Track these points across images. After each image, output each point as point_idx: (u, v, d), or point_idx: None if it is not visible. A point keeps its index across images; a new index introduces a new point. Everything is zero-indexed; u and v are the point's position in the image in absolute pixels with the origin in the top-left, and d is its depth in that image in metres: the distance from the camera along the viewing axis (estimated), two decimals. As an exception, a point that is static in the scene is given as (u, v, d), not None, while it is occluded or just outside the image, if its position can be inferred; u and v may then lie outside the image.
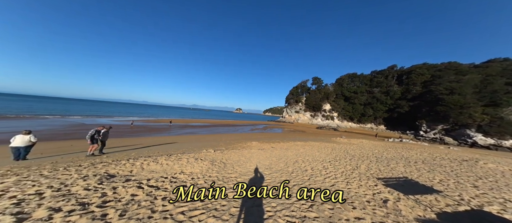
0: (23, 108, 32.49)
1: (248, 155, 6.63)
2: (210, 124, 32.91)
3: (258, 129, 31.87)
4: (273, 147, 10.11)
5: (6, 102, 45.87)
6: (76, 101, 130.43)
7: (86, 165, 4.45)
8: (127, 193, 2.71)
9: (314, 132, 33.55)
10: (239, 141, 13.01)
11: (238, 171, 4.32)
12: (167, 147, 9.20)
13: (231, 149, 8.34)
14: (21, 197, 2.37)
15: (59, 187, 2.81)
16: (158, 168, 4.30)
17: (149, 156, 5.87)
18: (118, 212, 2.13)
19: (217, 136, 17.59)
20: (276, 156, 6.74)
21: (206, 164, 4.72)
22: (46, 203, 2.25)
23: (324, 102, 68.64)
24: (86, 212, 2.08)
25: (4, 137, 9.51)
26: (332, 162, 5.86)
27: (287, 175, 4.13)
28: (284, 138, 18.18)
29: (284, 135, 23.85)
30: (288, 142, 13.93)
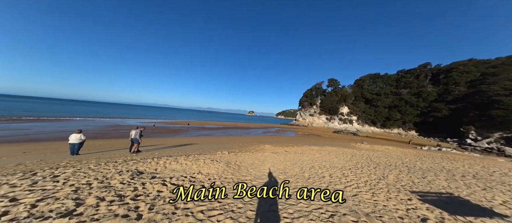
0: (66, 111, 38.03)
1: (261, 158, 6.63)
2: (223, 126, 34.06)
3: (271, 132, 31.54)
4: (286, 150, 9.88)
5: (46, 106, 52.94)
6: (107, 105, 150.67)
7: (120, 161, 5.11)
8: (154, 189, 3.02)
9: (330, 136, 31.51)
10: (252, 144, 13.10)
11: (253, 174, 4.36)
12: (185, 148, 9.87)
13: (245, 152, 8.46)
14: (77, 186, 2.87)
15: (102, 179, 3.30)
16: (178, 167, 4.65)
17: (170, 156, 6.40)
18: (148, 205, 2.38)
19: (231, 138, 18.06)
20: (291, 160, 6.56)
21: (222, 166, 4.90)
22: (94, 192, 2.67)
23: (341, 105, 64.08)
24: (123, 203, 2.40)
25: (59, 135, 11.68)
26: (353, 170, 5.40)
27: (303, 180, 3.99)
28: (298, 142, 17.55)
29: (298, 138, 23.05)
30: (302, 146, 13.40)
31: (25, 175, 3.30)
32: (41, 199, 2.35)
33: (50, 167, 4.23)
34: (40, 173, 3.52)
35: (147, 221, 2.02)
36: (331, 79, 73.41)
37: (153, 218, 2.07)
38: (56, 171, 3.73)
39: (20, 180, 3.02)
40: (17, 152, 7.72)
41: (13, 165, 5.00)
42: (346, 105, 63.62)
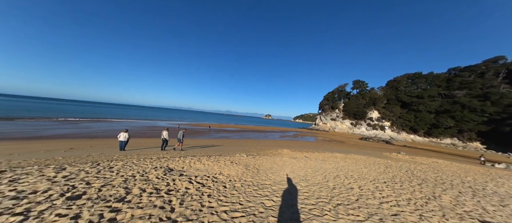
0: (111, 113, 44.77)
1: (280, 163, 6.46)
2: (241, 129, 34.96)
3: (289, 136, 30.53)
4: (306, 156, 9.34)
5: (84, 108, 59.96)
6: (141, 108, 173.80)
7: (154, 158, 5.87)
8: (182, 186, 3.33)
9: (356, 144, 28.14)
10: (270, 148, 12.95)
11: (272, 179, 4.29)
12: (207, 149, 10.57)
13: (263, 155, 8.43)
14: (126, 177, 3.45)
15: (142, 173, 3.87)
16: (201, 167, 5.01)
17: (194, 156, 6.96)
18: (179, 200, 2.65)
19: (248, 141, 18.35)
20: (312, 167, 6.16)
21: (241, 168, 5.02)
22: (138, 184, 3.16)
23: (369, 109, 56.78)
24: (159, 196, 2.74)
25: (111, 133, 14.35)
26: (389, 184, 4.64)
27: (327, 190, 3.66)
28: (319, 148, 16.36)
29: (318, 144, 21.50)
30: (324, 152, 12.43)
31: (93, 165, 4.19)
32: (104, 185, 2.93)
33: (107, 160, 5.25)
34: (101, 163, 4.40)
35: (179, 214, 2.24)
36: (357, 81, 66.34)
37: (184, 213, 2.28)
38: (111, 163, 4.59)
39: (90, 168, 3.85)
40: (86, 145, 9.87)
41: (85, 156, 6.41)
42: (376, 109, 55.88)
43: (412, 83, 54.83)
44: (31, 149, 8.00)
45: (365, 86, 64.14)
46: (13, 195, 2.35)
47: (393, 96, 55.23)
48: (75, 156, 6.48)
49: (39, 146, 9.03)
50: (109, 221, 1.97)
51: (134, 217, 2.09)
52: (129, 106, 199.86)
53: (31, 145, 9.20)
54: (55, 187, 2.72)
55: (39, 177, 3.13)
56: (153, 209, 2.30)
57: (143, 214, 2.16)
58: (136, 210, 2.24)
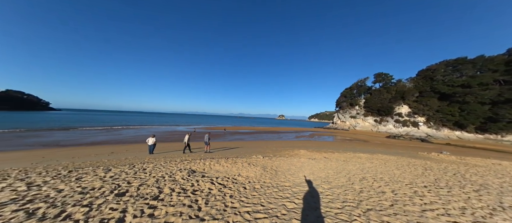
0: (135, 121, 48.75)
1: (298, 164, 6.28)
2: (255, 131, 35.17)
3: (304, 136, 29.37)
4: (326, 157, 8.84)
5: (111, 117, 64.16)
6: (159, 114, 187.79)
7: (178, 161, 6.39)
8: (205, 186, 3.54)
9: (383, 142, 25.25)
10: (286, 149, 12.69)
11: (291, 180, 4.20)
12: (224, 152, 10.97)
13: (279, 156, 8.32)
14: (157, 178, 3.87)
15: (170, 174, 4.26)
16: (220, 169, 5.23)
17: (212, 158, 7.32)
18: (204, 200, 2.84)
19: (263, 142, 18.33)
20: (333, 168, 5.80)
21: (259, 170, 5.06)
22: (167, 184, 3.50)
23: (397, 103, 50.42)
24: (186, 196, 2.98)
25: (140, 139, 16.17)
26: (431, 188, 4.02)
27: (353, 193, 3.40)
28: (339, 148, 15.28)
29: (338, 144, 20.07)
30: (345, 152, 11.56)
31: (130, 167, 4.82)
32: (141, 184, 3.35)
33: (140, 162, 5.95)
34: (136, 165, 5.03)
35: (205, 213, 2.40)
36: (379, 74, 59.91)
37: (210, 212, 2.43)
38: (144, 165, 5.20)
39: (129, 169, 4.44)
40: (122, 150, 11.38)
41: (123, 159, 7.39)
42: (406, 103, 49.25)
43: (454, 70, 45.44)
44: (85, 153, 9.65)
45: (389, 79, 57.26)
46: (80, 190, 2.89)
47: (427, 87, 47.49)
48: (116, 159, 7.55)
49: (90, 150, 10.80)
50: (149, 216, 2.24)
51: (168, 214, 2.33)
52: (148, 114, 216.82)
53: (84, 150, 11.07)
54: (106, 185, 3.24)
55: (94, 176, 3.77)
56: (183, 207, 2.52)
57: (175, 212, 2.38)
58: (169, 208, 2.49)
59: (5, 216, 2.10)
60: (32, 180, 3.42)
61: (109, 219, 2.11)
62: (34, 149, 11.12)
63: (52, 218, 2.09)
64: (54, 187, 3.09)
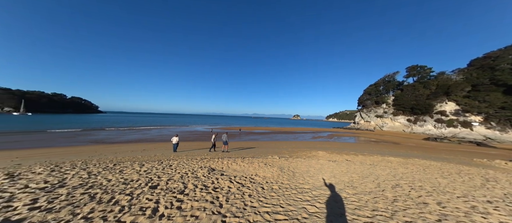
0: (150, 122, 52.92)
1: (317, 166, 5.96)
2: (270, 131, 34.95)
3: (322, 137, 27.67)
4: (348, 160, 8.14)
5: (137, 118, 73.86)
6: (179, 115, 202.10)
7: (199, 159, 6.84)
8: (225, 184, 3.69)
9: (420, 145, 21.72)
10: (302, 149, 12.21)
11: (311, 183, 4.01)
12: (239, 151, 11.24)
13: (296, 157, 8.06)
14: (181, 174, 4.23)
15: (192, 171, 4.60)
16: (238, 168, 5.37)
17: (229, 157, 7.58)
18: (224, 197, 2.96)
19: (278, 143, 18.06)
20: (358, 172, 5.29)
21: (276, 170, 5.00)
22: (191, 180, 3.79)
23: (439, 100, 42.60)
24: (208, 192, 3.16)
25: (165, 138, 17.95)
26: (498, 204, 3.19)
27: (385, 202, 3.00)
28: (363, 150, 13.85)
29: (361, 145, 18.19)
30: (372, 155, 10.41)
31: (159, 163, 5.42)
32: (169, 179, 3.73)
33: (167, 159, 6.62)
34: (164, 162, 5.61)
35: (226, 210, 2.50)
36: (414, 67, 51.79)
37: (230, 209, 2.53)
38: (170, 162, 5.75)
39: (158, 165, 5.00)
40: (151, 147, 12.88)
41: (153, 155, 8.35)
42: (452, 100, 41.04)
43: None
44: (123, 150, 11.30)
45: (427, 72, 48.71)
46: (123, 181, 3.41)
47: (486, 79, 37.90)
48: (147, 155, 8.61)
49: (126, 147, 12.60)
50: (177, 208, 2.47)
51: (193, 208, 2.51)
52: (169, 115, 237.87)
53: (122, 146, 12.98)
54: (141, 178, 3.72)
55: (132, 169, 4.38)
56: (206, 203, 2.68)
57: (199, 206, 2.56)
58: (194, 202, 2.68)
59: (77, 197, 2.66)
60: (90, 170, 4.20)
61: (147, 208, 2.42)
62: (89, 145, 13.60)
63: (105, 202, 2.52)
64: (105, 177, 3.72)
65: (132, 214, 2.23)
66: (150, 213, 2.28)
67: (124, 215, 2.20)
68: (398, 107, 48.49)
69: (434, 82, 44.98)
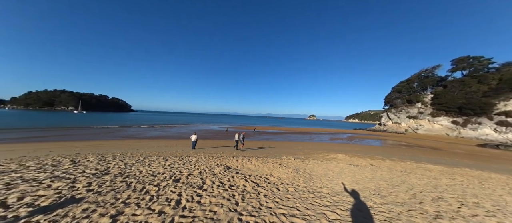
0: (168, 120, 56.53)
1: (336, 169, 5.55)
2: (283, 131, 34.24)
3: (341, 139, 25.65)
4: (373, 164, 7.33)
5: (164, 117, 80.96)
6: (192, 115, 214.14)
7: (215, 156, 7.16)
8: (240, 183, 3.77)
9: (472, 153, 17.99)
10: (319, 151, 11.56)
11: (329, 187, 3.76)
12: (253, 151, 11.33)
13: (312, 159, 7.69)
14: (200, 170, 4.51)
15: (210, 168, 4.84)
16: (252, 167, 5.42)
17: (244, 156, 7.71)
18: (240, 195, 3.02)
19: (292, 143, 17.54)
20: (386, 179, 4.70)
21: (291, 172, 4.86)
22: (208, 177, 3.99)
23: (502, 98, 34.43)
24: (225, 189, 3.28)
25: (185, 135, 19.43)
26: None
27: (425, 218, 2.55)
28: (392, 154, 12.29)
29: (389, 149, 16.14)
30: (403, 161, 9.18)
31: (180, 158, 5.89)
32: (189, 174, 4.01)
33: (187, 155, 7.15)
34: (184, 158, 6.08)
35: (242, 208, 2.54)
36: (464, 58, 43.18)
37: (246, 208, 2.56)
38: (189, 158, 6.20)
39: (179, 161, 5.44)
40: (173, 144, 14.11)
41: (175, 151, 9.13)
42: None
43: None
44: (150, 145, 12.73)
45: (484, 64, 39.73)
46: (151, 173, 3.83)
47: None
48: (169, 151, 9.47)
49: (153, 143, 14.13)
50: (197, 202, 2.63)
51: (212, 203, 2.64)
52: (185, 114, 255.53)
53: (149, 142, 14.61)
54: (166, 171, 4.11)
55: (158, 164, 4.88)
56: (223, 200, 2.78)
57: (217, 202, 2.67)
58: (212, 198, 2.82)
59: (117, 183, 3.12)
60: (126, 162, 4.86)
61: (171, 199, 2.65)
62: (124, 139, 15.76)
63: (138, 190, 2.88)
64: (137, 168, 4.25)
65: (159, 204, 2.48)
66: (174, 204, 2.49)
67: (153, 204, 2.47)
68: (439, 107, 41.21)
69: (495, 76, 36.44)
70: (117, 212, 2.18)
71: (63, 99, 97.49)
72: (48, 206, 2.25)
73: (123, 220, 2.02)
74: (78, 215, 2.07)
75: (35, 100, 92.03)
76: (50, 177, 3.27)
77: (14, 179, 3.11)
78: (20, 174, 3.41)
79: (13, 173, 3.43)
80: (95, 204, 2.35)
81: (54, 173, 3.56)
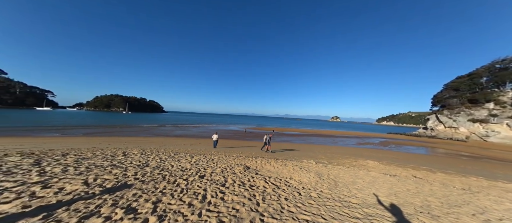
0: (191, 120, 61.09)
1: (366, 178, 4.89)
2: (303, 133, 32.67)
3: (372, 143, 22.52)
4: (418, 176, 6.13)
5: (188, 117, 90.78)
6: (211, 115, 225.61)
7: (235, 156, 7.42)
8: (260, 184, 3.78)
9: None
10: (345, 156, 10.47)
11: (359, 197, 3.34)
12: (271, 152, 11.20)
13: (336, 164, 7.02)
14: (222, 168, 4.76)
15: (230, 167, 5.05)
16: (271, 169, 5.35)
17: (263, 157, 7.71)
18: (260, 196, 3.03)
19: (313, 146, 16.49)
20: (438, 196, 3.84)
21: (313, 176, 4.57)
22: (230, 175, 4.16)
23: None
24: (245, 189, 3.35)
25: (207, 135, 20.93)
26: None
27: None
28: (447, 167, 10.03)
29: (440, 159, 13.12)
30: (465, 176, 7.41)
31: (204, 156, 6.37)
32: (212, 172, 4.30)
33: (209, 154, 7.67)
34: (207, 156, 6.54)
35: (264, 209, 2.54)
36: None
37: (267, 209, 2.54)
38: (212, 156, 6.63)
39: (203, 158, 5.89)
40: (197, 142, 15.43)
41: (199, 149, 9.95)
42: None
43: None
44: (177, 143, 14.29)
45: None
46: (181, 168, 4.30)
47: None
48: (194, 149, 10.39)
49: (180, 141, 15.82)
50: (221, 199, 2.78)
51: (234, 201, 2.74)
52: (206, 114, 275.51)
53: (177, 140, 16.41)
54: (193, 167, 4.52)
55: (185, 160, 5.42)
56: (244, 199, 2.85)
57: (239, 201, 2.76)
58: (234, 196, 2.93)
59: (155, 175, 3.63)
60: (161, 157, 5.62)
61: (198, 193, 2.90)
62: (158, 137, 18.23)
63: (171, 183, 3.27)
64: (170, 163, 4.84)
65: (189, 197, 2.75)
66: (201, 199, 2.71)
67: (184, 196, 2.75)
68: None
69: None
70: (157, 200, 2.53)
71: (116, 102, 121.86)
72: (111, 188, 2.83)
73: (161, 207, 2.34)
74: (130, 198, 2.52)
75: (99, 103, 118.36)
76: (111, 165, 4.10)
77: (90, 164, 4.04)
78: (93, 161, 4.41)
79: (89, 160, 4.47)
80: (141, 191, 2.80)
81: (113, 162, 4.45)
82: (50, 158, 4.40)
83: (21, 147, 7.48)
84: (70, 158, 4.53)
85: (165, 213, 2.18)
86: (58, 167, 3.66)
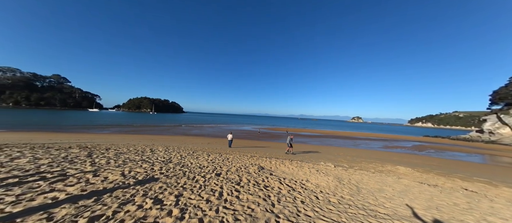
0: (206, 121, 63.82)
1: (397, 186, 4.31)
2: (319, 134, 30.98)
3: (403, 147, 19.83)
4: (470, 189, 5.15)
5: (204, 117, 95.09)
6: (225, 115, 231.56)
7: (249, 156, 7.50)
8: (275, 185, 3.72)
9: None
10: (369, 160, 9.49)
11: (388, 207, 2.96)
12: (285, 153, 10.94)
13: (358, 169, 6.42)
14: (237, 167, 4.87)
15: (245, 166, 5.12)
16: (286, 170, 5.22)
17: (277, 158, 7.59)
18: (276, 197, 2.98)
19: (331, 148, 15.46)
20: (503, 214, 3.11)
21: (332, 180, 4.27)
22: (244, 175, 4.23)
23: None
24: (260, 189, 3.35)
25: (222, 134, 21.75)
26: None
27: None
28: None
29: (504, 171, 10.55)
30: None
31: (220, 155, 6.64)
32: (228, 170, 4.44)
33: (225, 153, 7.95)
34: (223, 155, 6.80)
35: (279, 211, 2.49)
36: None
37: (283, 211, 2.48)
38: (227, 155, 6.85)
39: (219, 157, 6.14)
40: (212, 141, 16.17)
41: (214, 148, 10.43)
42: None
43: None
44: (194, 141, 15.26)
45: None
46: (199, 165, 4.57)
47: None
48: (210, 147, 10.93)
49: (197, 140, 16.85)
50: (236, 197, 2.85)
51: (249, 200, 2.77)
52: (220, 114, 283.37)
53: (194, 139, 17.52)
54: (210, 165, 4.76)
55: (202, 158, 5.74)
56: (259, 199, 2.85)
57: (254, 200, 2.77)
58: (249, 195, 2.96)
59: (177, 171, 3.96)
60: (181, 154, 6.09)
61: (215, 190, 3.03)
62: (177, 135, 19.83)
63: (190, 178, 3.51)
64: (189, 160, 5.20)
65: (206, 193, 2.90)
66: (217, 195, 2.82)
67: (202, 192, 2.92)
68: None
69: None
70: (179, 193, 2.75)
71: (145, 104, 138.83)
72: (142, 180, 3.21)
73: (183, 201, 2.52)
74: (157, 190, 2.80)
75: (132, 104, 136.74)
76: (141, 160, 4.65)
77: (126, 158, 4.68)
78: (128, 155, 5.09)
79: (125, 154, 5.17)
80: (165, 185, 3.08)
81: (142, 157, 5.04)
82: (98, 151, 5.26)
83: (79, 141, 9.13)
84: (111, 152, 5.32)
85: (186, 207, 2.35)
86: (103, 159, 4.34)
